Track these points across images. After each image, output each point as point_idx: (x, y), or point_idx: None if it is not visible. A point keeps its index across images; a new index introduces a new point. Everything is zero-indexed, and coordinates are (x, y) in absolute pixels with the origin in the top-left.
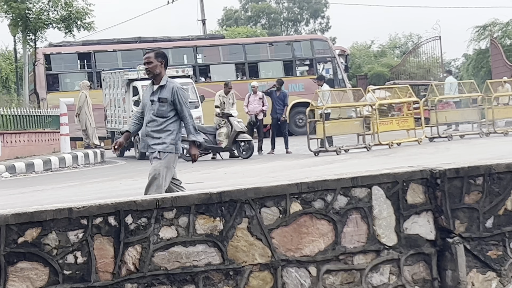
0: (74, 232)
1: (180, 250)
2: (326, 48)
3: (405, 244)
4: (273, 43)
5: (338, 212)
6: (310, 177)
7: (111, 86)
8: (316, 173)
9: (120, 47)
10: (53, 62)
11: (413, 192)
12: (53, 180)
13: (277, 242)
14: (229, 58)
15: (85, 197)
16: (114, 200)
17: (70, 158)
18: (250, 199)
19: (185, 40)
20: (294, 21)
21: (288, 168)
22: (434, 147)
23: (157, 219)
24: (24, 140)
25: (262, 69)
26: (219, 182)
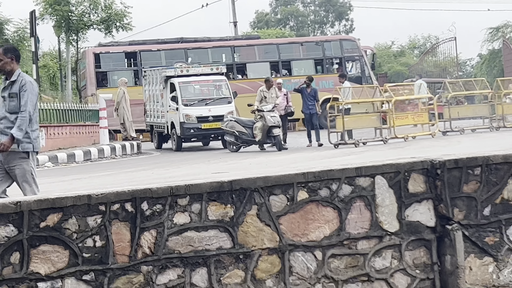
0: (93, 217)
1: (192, 235)
2: (354, 48)
3: (406, 230)
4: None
5: (342, 200)
6: (316, 167)
7: (150, 83)
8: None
9: (164, 46)
10: (102, 60)
11: (414, 182)
12: (92, 170)
13: (285, 228)
14: (264, 57)
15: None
16: (130, 188)
17: (109, 149)
18: (260, 187)
19: (223, 40)
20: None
21: (308, 159)
22: (446, 140)
23: (171, 206)
24: (66, 133)
25: (294, 67)
26: (243, 172)
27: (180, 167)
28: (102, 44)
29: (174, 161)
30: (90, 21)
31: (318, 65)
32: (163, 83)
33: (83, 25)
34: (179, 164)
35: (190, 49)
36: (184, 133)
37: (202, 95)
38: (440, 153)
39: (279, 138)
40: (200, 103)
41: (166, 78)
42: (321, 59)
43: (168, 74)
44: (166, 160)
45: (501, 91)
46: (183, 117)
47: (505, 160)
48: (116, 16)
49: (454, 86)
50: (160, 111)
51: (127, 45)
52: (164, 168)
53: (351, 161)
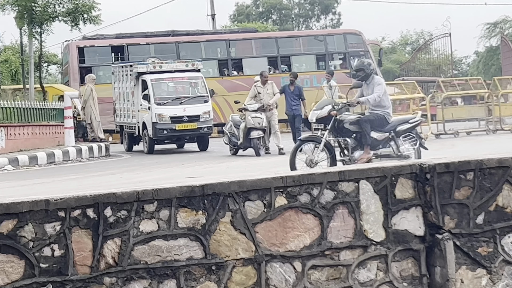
0: (51, 224)
1: (160, 244)
2: (359, 42)
3: (393, 239)
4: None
5: (324, 207)
6: (297, 171)
7: (120, 80)
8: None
9: (153, 40)
10: (86, 55)
11: (402, 187)
12: (55, 173)
13: (261, 237)
14: (262, 51)
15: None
16: (92, 192)
17: (74, 151)
18: (234, 192)
19: (218, 33)
20: (305, 17)
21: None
22: (440, 143)
23: (138, 212)
24: (28, 133)
25: (294, 63)
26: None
27: (152, 171)
28: (86, 37)
29: (145, 164)
30: (55, 12)
31: (320, 60)
32: (134, 80)
33: (47, 16)
34: (150, 168)
35: (181, 43)
36: (156, 135)
37: (176, 93)
38: (431, 157)
39: (256, 141)
40: (174, 102)
41: (137, 75)
42: (323, 54)
43: (139, 70)
44: (136, 164)
45: (498, 91)
46: (156, 117)
47: (500, 164)
48: (83, 7)
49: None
50: (131, 111)
51: (113, 38)
52: (134, 172)
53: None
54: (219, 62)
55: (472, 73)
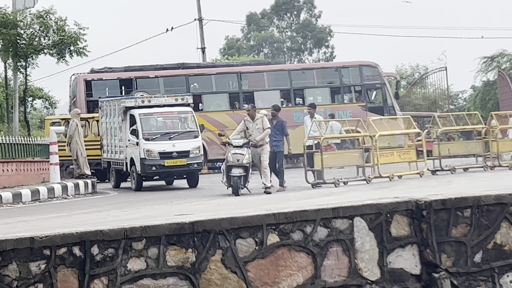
0: (36, 263)
1: (149, 283)
2: (375, 75)
3: (388, 278)
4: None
5: (318, 244)
6: (288, 207)
7: (108, 114)
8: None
9: (162, 73)
10: (94, 88)
11: (398, 224)
12: (40, 211)
13: (253, 275)
14: (274, 84)
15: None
16: (79, 230)
17: (60, 188)
18: (225, 229)
19: (229, 66)
20: (298, 50)
21: (283, 200)
22: (436, 180)
23: (125, 250)
24: (11, 169)
25: (308, 96)
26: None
27: (140, 208)
28: (94, 70)
29: (133, 201)
30: (41, 45)
31: (334, 93)
32: (122, 114)
33: (32, 49)
34: (138, 205)
35: (191, 76)
36: (145, 171)
37: (165, 128)
38: (427, 193)
39: (236, 180)
40: (163, 137)
41: (125, 109)
42: (338, 86)
43: (127, 105)
44: (124, 201)
45: (496, 127)
46: (144, 152)
47: (498, 201)
48: (69, 39)
49: (444, 121)
50: (119, 146)
51: (122, 71)
52: (122, 209)
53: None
54: (230, 95)
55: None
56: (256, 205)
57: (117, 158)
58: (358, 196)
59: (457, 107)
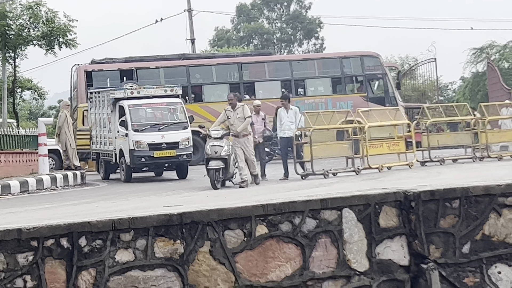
0: (23, 254)
1: (137, 275)
2: (377, 65)
3: (377, 269)
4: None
5: (306, 236)
6: (277, 199)
7: (97, 106)
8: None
9: (163, 64)
10: (94, 79)
11: (386, 215)
12: (29, 202)
13: (241, 267)
14: (275, 74)
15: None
16: (67, 221)
17: (49, 179)
18: (213, 220)
19: (229, 56)
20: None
21: (272, 191)
22: (425, 171)
23: (113, 241)
24: (0, 161)
25: (309, 86)
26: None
27: (129, 199)
28: (95, 61)
29: (122, 193)
30: (30, 36)
31: (336, 83)
32: (111, 106)
33: (21, 40)
34: (127, 196)
35: (192, 67)
36: (134, 162)
37: (154, 119)
38: (416, 185)
39: (213, 173)
40: (152, 129)
41: (114, 101)
42: (340, 77)
43: (116, 96)
44: (113, 192)
45: (485, 118)
46: (133, 144)
47: (486, 192)
48: (58, 30)
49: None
50: (108, 138)
51: (122, 62)
52: (111, 201)
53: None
54: (231, 85)
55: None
56: (246, 196)
57: (106, 150)
58: (347, 187)
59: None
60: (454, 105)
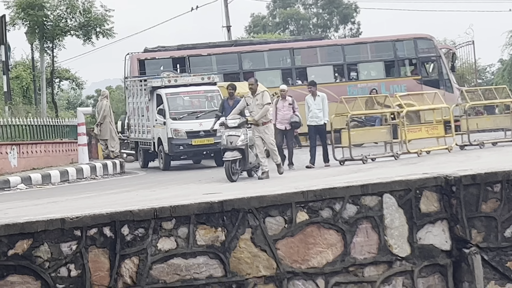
0: (67, 243)
1: (179, 262)
2: (431, 47)
3: (418, 255)
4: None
5: (347, 222)
6: (317, 185)
7: (134, 94)
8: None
9: (215, 51)
10: (147, 67)
11: (427, 200)
12: (69, 192)
13: (283, 253)
14: (328, 59)
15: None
16: (109, 210)
17: (88, 169)
18: (254, 208)
19: (281, 42)
20: (324, 27)
21: (311, 178)
22: (465, 155)
23: (155, 230)
24: (40, 151)
25: (362, 70)
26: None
27: (168, 187)
28: (148, 49)
29: (161, 181)
30: (67, 26)
31: (389, 67)
32: (149, 94)
33: (59, 31)
34: (166, 185)
35: (244, 53)
36: (172, 150)
37: (192, 107)
38: (456, 169)
39: (228, 164)
40: (190, 117)
41: (152, 89)
42: (392, 60)
43: (154, 85)
44: (152, 180)
45: None
46: (171, 132)
47: None
48: (96, 20)
49: (472, 95)
50: (146, 126)
51: (175, 50)
52: (150, 189)
53: (357, 178)
54: (283, 71)
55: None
56: (285, 183)
57: (144, 138)
58: (387, 172)
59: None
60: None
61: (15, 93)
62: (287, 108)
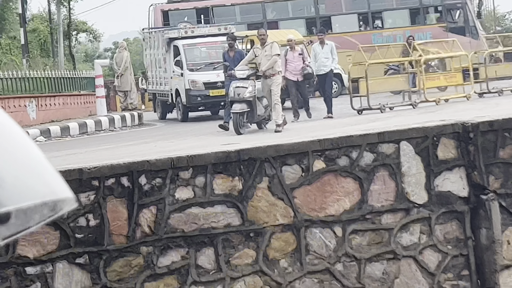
0: (85, 194)
1: (197, 211)
2: None
3: (436, 202)
4: None
5: (364, 170)
6: (334, 134)
7: (152, 46)
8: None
9: (238, 1)
10: (171, 18)
11: (444, 147)
12: (88, 144)
13: (300, 202)
14: (352, 8)
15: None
16: (126, 160)
17: (107, 121)
18: (271, 157)
19: None
20: None
21: (329, 127)
22: (483, 102)
23: (173, 179)
24: (59, 103)
25: (387, 19)
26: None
27: (186, 139)
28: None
29: (180, 132)
30: None
31: (414, 15)
32: (166, 46)
33: None
34: (185, 136)
35: (267, 3)
36: (190, 102)
37: (209, 58)
38: (474, 116)
39: (236, 117)
40: (207, 68)
41: (169, 41)
42: (417, 8)
43: (171, 36)
44: (170, 132)
45: None
46: (189, 83)
47: None
48: None
49: (491, 42)
50: (163, 78)
51: (198, 0)
52: (168, 141)
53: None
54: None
55: None
56: (302, 132)
57: (162, 90)
58: (404, 121)
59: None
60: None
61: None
62: (297, 59)
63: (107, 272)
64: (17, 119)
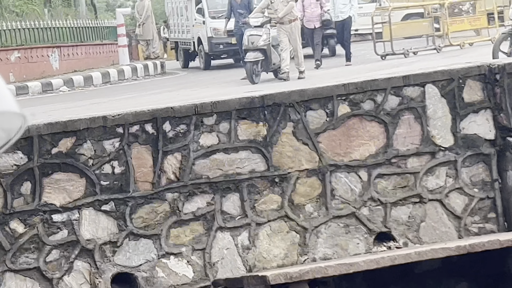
0: (110, 141)
1: (222, 158)
2: None
3: (462, 144)
4: None
5: (389, 113)
6: (358, 77)
7: None
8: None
9: None
10: None
11: (470, 89)
12: (111, 93)
13: (325, 147)
14: None
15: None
16: (150, 107)
17: (129, 70)
18: (295, 102)
19: None
20: None
21: (353, 73)
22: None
23: (197, 126)
24: (81, 53)
25: None
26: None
27: (209, 87)
28: None
29: (202, 81)
30: None
31: None
32: None
33: None
34: (207, 84)
35: None
36: (212, 50)
37: None
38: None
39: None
40: None
41: None
42: None
43: None
44: (193, 80)
45: None
46: (211, 31)
47: None
48: None
49: None
50: (185, 26)
51: None
52: (191, 89)
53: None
54: None
55: None
56: (326, 78)
57: (184, 38)
58: (429, 65)
59: None
60: None
61: None
62: (314, 5)
63: (133, 219)
64: (40, 69)
